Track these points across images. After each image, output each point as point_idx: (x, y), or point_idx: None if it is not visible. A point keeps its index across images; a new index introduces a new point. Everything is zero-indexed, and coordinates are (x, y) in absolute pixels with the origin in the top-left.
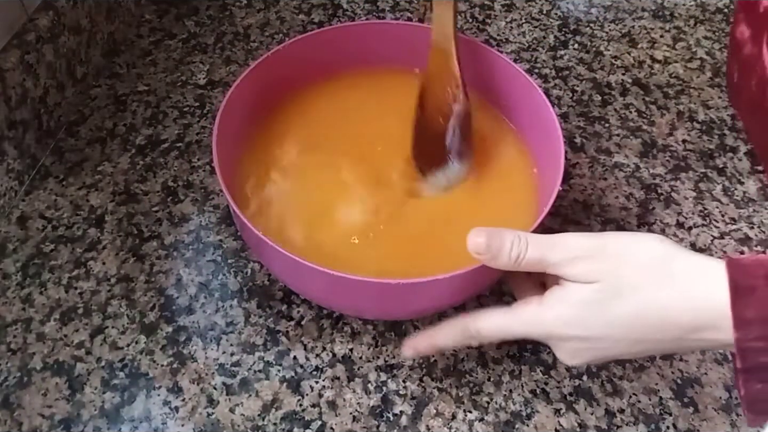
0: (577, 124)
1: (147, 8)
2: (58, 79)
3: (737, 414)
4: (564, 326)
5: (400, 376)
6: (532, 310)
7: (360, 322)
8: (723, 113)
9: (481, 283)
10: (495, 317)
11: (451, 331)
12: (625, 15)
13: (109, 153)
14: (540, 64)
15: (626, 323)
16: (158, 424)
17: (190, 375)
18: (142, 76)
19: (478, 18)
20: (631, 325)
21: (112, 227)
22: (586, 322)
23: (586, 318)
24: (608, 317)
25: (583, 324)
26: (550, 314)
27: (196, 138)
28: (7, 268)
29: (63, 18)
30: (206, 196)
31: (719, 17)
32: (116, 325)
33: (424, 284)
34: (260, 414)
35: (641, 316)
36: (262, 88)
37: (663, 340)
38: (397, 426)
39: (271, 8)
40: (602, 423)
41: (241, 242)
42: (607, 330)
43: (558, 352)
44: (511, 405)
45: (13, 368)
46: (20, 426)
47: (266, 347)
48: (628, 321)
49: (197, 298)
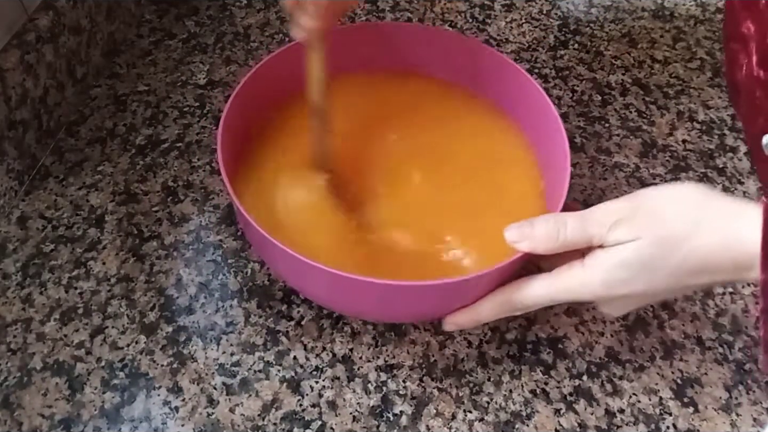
0: (577, 124)
1: (147, 8)
2: (58, 79)
3: (737, 414)
4: (610, 288)
5: (400, 376)
6: (576, 275)
7: (360, 322)
8: (723, 113)
9: (486, 287)
10: (538, 286)
11: (495, 305)
12: (625, 15)
13: (109, 153)
14: (540, 64)
15: (669, 274)
16: (158, 424)
17: (190, 375)
18: (142, 76)
19: (478, 18)
20: (674, 275)
21: (112, 227)
22: (631, 281)
23: (631, 277)
24: (652, 273)
25: (629, 283)
26: (596, 278)
27: (196, 138)
28: (7, 268)
29: (63, 18)
30: (206, 196)
31: (719, 17)
32: (116, 325)
33: (428, 287)
34: (260, 414)
35: (683, 266)
36: (268, 87)
37: (701, 283)
38: (397, 426)
39: (271, 8)
40: (602, 423)
41: (241, 242)
42: (652, 285)
43: (602, 308)
44: (511, 405)
45: (13, 368)
46: (20, 426)
47: (266, 347)
48: (671, 272)
49: (197, 298)
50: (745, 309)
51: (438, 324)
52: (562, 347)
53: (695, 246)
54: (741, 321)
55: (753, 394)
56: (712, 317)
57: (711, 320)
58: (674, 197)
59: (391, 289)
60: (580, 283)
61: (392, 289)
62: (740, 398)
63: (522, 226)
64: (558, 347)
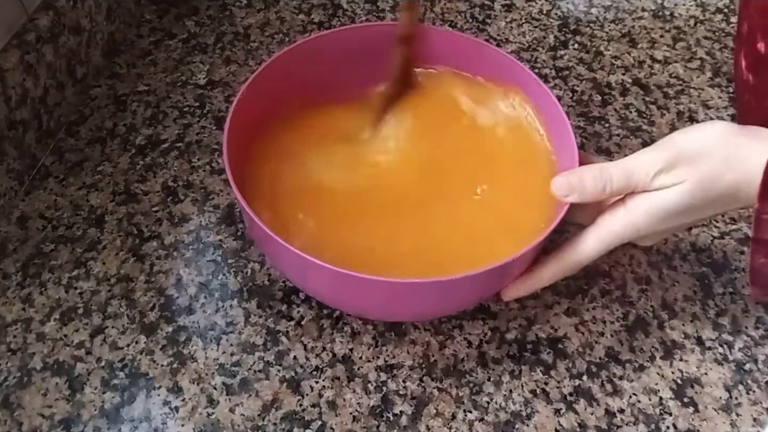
0: (577, 124)
1: (147, 8)
2: (58, 79)
3: (737, 414)
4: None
5: (400, 376)
6: (621, 219)
7: (360, 322)
8: (723, 113)
9: (493, 286)
10: (589, 239)
11: (554, 269)
12: (625, 15)
13: (109, 153)
14: (540, 64)
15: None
16: (158, 424)
17: (190, 375)
18: (142, 76)
19: (478, 18)
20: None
21: (112, 227)
22: (674, 219)
23: (675, 215)
24: (694, 210)
25: (672, 220)
26: (641, 219)
27: (196, 138)
28: (7, 268)
29: (63, 18)
30: (206, 196)
31: (719, 17)
32: (116, 325)
33: (432, 285)
34: (260, 414)
35: (720, 200)
36: (274, 87)
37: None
38: (397, 426)
39: (271, 8)
40: (602, 423)
41: (241, 242)
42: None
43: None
44: (511, 405)
45: (13, 368)
46: (20, 426)
47: (266, 347)
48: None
49: (197, 298)
50: (745, 309)
51: (438, 324)
52: (562, 347)
53: (730, 180)
54: (741, 321)
55: (753, 394)
56: (712, 317)
57: (711, 320)
58: (706, 138)
59: (397, 287)
60: (628, 226)
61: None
62: (740, 398)
63: (570, 177)
64: (558, 347)
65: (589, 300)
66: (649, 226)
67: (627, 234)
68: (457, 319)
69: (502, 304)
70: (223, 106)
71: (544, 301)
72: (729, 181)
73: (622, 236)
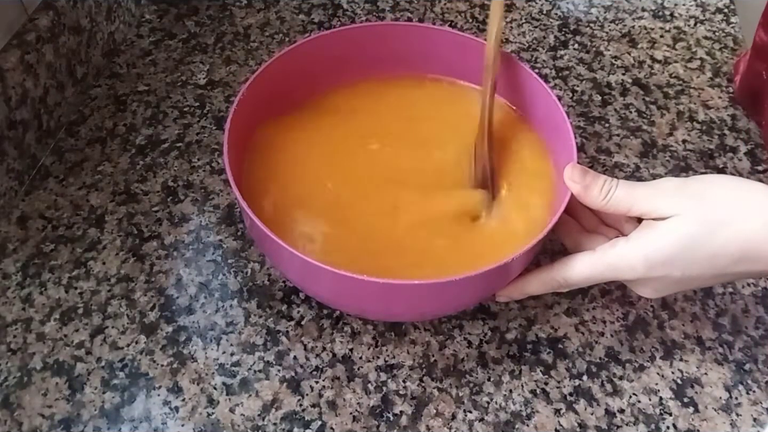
0: (577, 124)
1: (147, 8)
2: (58, 79)
3: (737, 414)
4: (651, 267)
5: (400, 376)
6: (619, 251)
7: (360, 322)
8: (723, 113)
9: (493, 286)
10: (581, 264)
11: (540, 283)
12: (625, 15)
13: (109, 153)
14: (540, 64)
15: (710, 257)
16: (158, 424)
17: (190, 375)
18: (142, 76)
19: (478, 18)
20: (715, 257)
21: (112, 227)
22: (672, 261)
23: (672, 256)
24: (693, 253)
25: (669, 263)
26: (638, 253)
27: (196, 138)
28: (7, 268)
29: (63, 18)
30: (206, 196)
31: (719, 17)
32: (116, 325)
33: (433, 285)
34: (260, 414)
35: (724, 251)
36: (274, 87)
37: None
38: (397, 426)
39: (271, 8)
40: (602, 423)
41: (241, 242)
42: (691, 266)
43: (639, 289)
44: (511, 405)
45: (13, 368)
46: (20, 426)
47: (266, 347)
48: (712, 255)
49: (197, 298)
50: (745, 309)
51: (438, 324)
52: (562, 347)
53: (737, 230)
54: (741, 321)
55: (753, 394)
56: (712, 317)
57: (711, 320)
58: (716, 183)
59: (395, 288)
60: (623, 259)
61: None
62: (740, 398)
63: (586, 171)
64: (558, 347)
65: (589, 300)
66: (646, 262)
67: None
68: (457, 319)
69: (502, 304)
70: (223, 106)
71: (544, 301)
72: (739, 231)
73: (616, 269)
